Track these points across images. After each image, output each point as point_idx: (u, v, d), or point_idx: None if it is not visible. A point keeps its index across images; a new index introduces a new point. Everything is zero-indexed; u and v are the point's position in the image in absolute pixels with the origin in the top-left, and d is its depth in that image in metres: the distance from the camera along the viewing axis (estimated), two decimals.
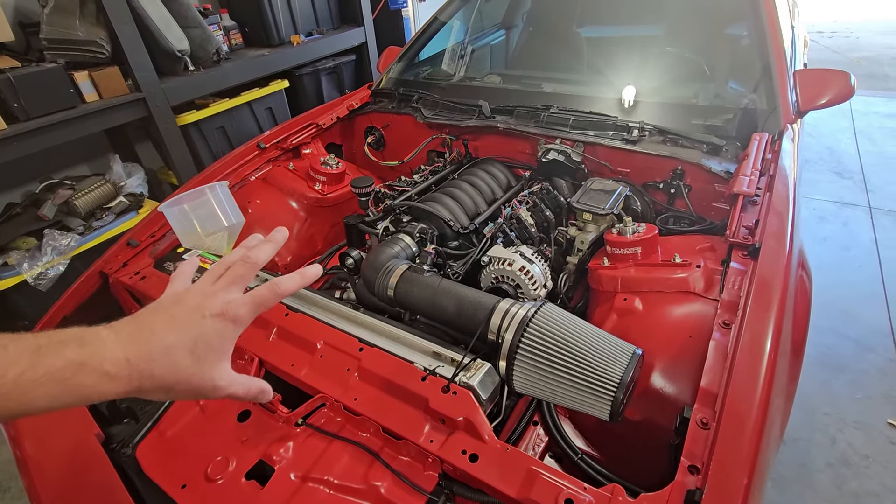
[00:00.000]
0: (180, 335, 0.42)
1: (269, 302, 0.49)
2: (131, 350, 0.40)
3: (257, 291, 0.48)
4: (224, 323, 0.45)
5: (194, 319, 0.44)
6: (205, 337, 0.43)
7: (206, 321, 0.44)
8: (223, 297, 0.46)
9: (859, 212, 2.80)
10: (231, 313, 0.45)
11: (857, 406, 1.71)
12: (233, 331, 0.46)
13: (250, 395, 0.50)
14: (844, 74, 1.57)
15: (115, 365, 0.39)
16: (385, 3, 3.77)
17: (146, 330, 0.42)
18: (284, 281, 0.50)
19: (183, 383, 0.42)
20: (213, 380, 0.44)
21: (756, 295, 0.89)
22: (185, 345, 0.42)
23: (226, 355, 0.45)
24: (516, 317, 0.90)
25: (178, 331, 0.43)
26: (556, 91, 1.82)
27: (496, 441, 0.80)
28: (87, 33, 2.04)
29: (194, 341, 0.43)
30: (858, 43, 6.37)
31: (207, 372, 0.44)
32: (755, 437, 0.71)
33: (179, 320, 0.43)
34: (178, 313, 0.44)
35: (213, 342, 0.44)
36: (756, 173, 1.22)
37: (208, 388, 0.45)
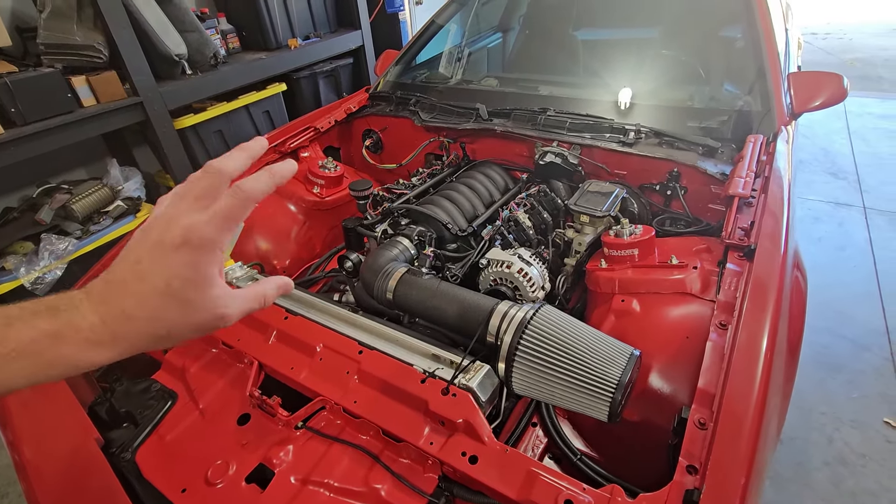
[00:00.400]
0: (148, 282, 0.37)
1: (235, 211, 0.40)
2: (104, 311, 0.37)
3: (221, 202, 0.40)
4: (190, 251, 0.38)
5: (157, 257, 0.38)
6: (175, 274, 0.38)
7: (169, 256, 0.38)
8: (183, 222, 0.38)
9: (854, 212, 2.82)
10: (195, 237, 0.38)
11: (854, 405, 1.72)
12: (205, 255, 0.39)
13: (270, 298, 0.45)
14: (837, 77, 1.58)
15: (93, 331, 0.36)
16: (382, 6, 3.79)
17: (116, 285, 0.38)
18: (249, 181, 0.41)
19: (177, 329, 0.39)
20: (211, 311, 0.40)
21: (752, 296, 0.89)
22: (158, 290, 0.37)
23: (210, 282, 0.39)
24: (515, 319, 0.90)
25: (145, 277, 0.37)
26: (553, 94, 1.83)
27: (496, 443, 0.81)
28: (84, 38, 2.04)
29: (166, 283, 0.37)
30: (852, 44, 6.42)
31: (200, 307, 0.39)
32: (752, 437, 0.72)
33: (144, 263, 0.38)
34: (142, 256, 0.38)
35: (187, 276, 0.38)
36: (751, 175, 1.23)
37: (212, 322, 0.40)
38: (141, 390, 1.09)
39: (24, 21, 2.17)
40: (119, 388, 1.10)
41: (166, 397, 1.05)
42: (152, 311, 0.37)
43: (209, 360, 1.11)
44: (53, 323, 0.35)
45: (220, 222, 0.39)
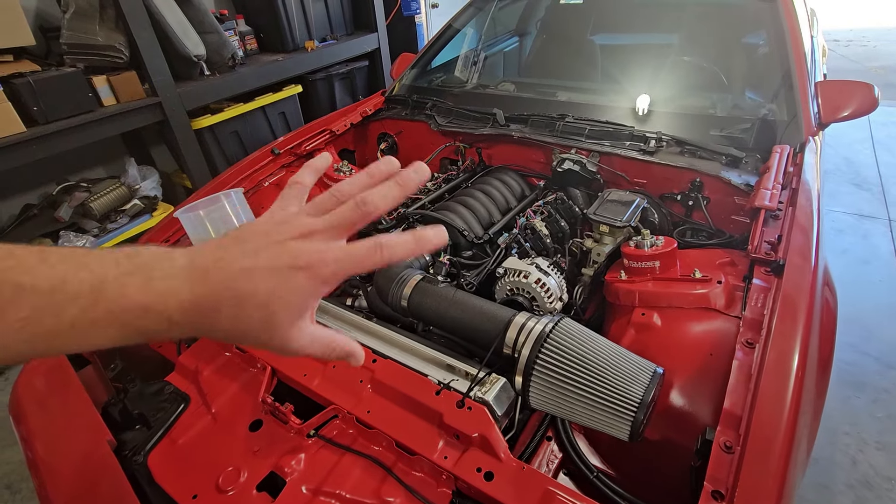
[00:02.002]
0: (257, 283, 0.35)
1: (367, 263, 0.37)
2: (199, 292, 0.34)
3: (359, 247, 0.37)
4: (308, 279, 0.35)
5: (278, 266, 0.35)
6: (282, 292, 0.35)
7: (288, 273, 0.35)
8: (318, 246, 0.36)
9: (879, 224, 2.75)
10: (321, 271, 0.36)
11: (879, 426, 1.67)
12: (316, 289, 0.36)
13: (333, 357, 0.42)
14: (868, 86, 1.54)
15: (181, 311, 0.34)
16: (398, 9, 3.79)
17: (223, 269, 0.35)
18: (393, 242, 0.38)
19: (250, 338, 0.36)
20: (282, 341, 0.37)
21: (781, 314, 0.86)
22: (260, 297, 0.35)
23: (304, 315, 0.37)
24: (533, 332, 0.88)
25: (255, 278, 0.35)
26: (571, 100, 1.80)
27: (512, 459, 0.79)
28: (106, 38, 2.07)
29: (269, 294, 0.35)
30: (876, 52, 6.29)
31: (278, 332, 0.36)
32: (782, 464, 0.69)
33: (261, 262, 0.35)
34: (261, 254, 0.35)
35: (290, 300, 0.36)
36: (778, 187, 1.19)
37: (276, 347, 0.38)
38: (154, 392, 1.08)
39: (48, 21, 2.21)
40: (132, 390, 1.10)
41: (179, 400, 1.04)
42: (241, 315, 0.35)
43: (222, 363, 1.10)
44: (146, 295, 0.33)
45: (349, 266, 0.37)
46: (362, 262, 0.37)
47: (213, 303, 0.34)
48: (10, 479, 1.77)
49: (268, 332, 0.36)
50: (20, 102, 1.88)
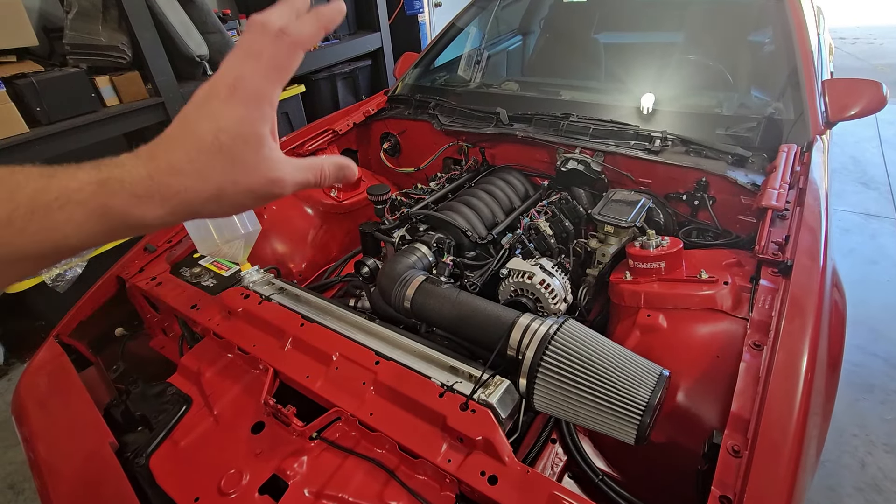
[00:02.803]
0: (195, 134, 0.35)
1: (283, 59, 0.37)
2: (151, 166, 0.34)
3: (268, 51, 0.37)
4: (238, 105, 0.35)
5: (204, 111, 0.35)
6: (222, 126, 0.35)
7: (216, 108, 0.35)
8: (230, 74, 0.36)
9: (886, 224, 2.72)
10: (242, 87, 0.36)
11: (888, 428, 1.65)
12: (254, 108, 0.36)
13: (328, 177, 0.42)
14: (876, 84, 1.52)
15: (140, 184, 0.33)
16: (401, 8, 3.78)
17: (164, 141, 0.35)
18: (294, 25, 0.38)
19: (229, 190, 0.36)
20: (264, 174, 0.37)
21: (790, 316, 0.85)
22: (205, 143, 0.35)
23: (260, 141, 0.36)
24: (537, 333, 0.87)
25: (193, 130, 0.35)
26: (575, 99, 1.79)
27: (516, 463, 0.78)
28: (109, 38, 2.07)
29: (213, 135, 0.35)
30: (882, 49, 6.23)
31: (251, 167, 0.36)
32: (791, 469, 0.68)
33: (191, 117, 0.36)
34: (189, 111, 0.36)
35: (236, 130, 0.35)
36: (785, 186, 1.18)
37: (265, 185, 0.37)
38: (156, 393, 1.08)
39: (51, 21, 2.21)
40: (135, 391, 1.09)
41: (181, 402, 1.04)
42: (200, 166, 0.35)
43: (224, 365, 1.10)
44: (96, 174, 0.33)
45: (267, 71, 0.36)
46: (276, 58, 0.37)
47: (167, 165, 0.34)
48: (14, 480, 1.77)
49: (240, 172, 0.36)
50: (23, 103, 1.88)
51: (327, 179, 0.42)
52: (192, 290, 1.24)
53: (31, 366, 1.18)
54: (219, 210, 0.37)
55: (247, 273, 1.23)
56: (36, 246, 0.31)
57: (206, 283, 1.27)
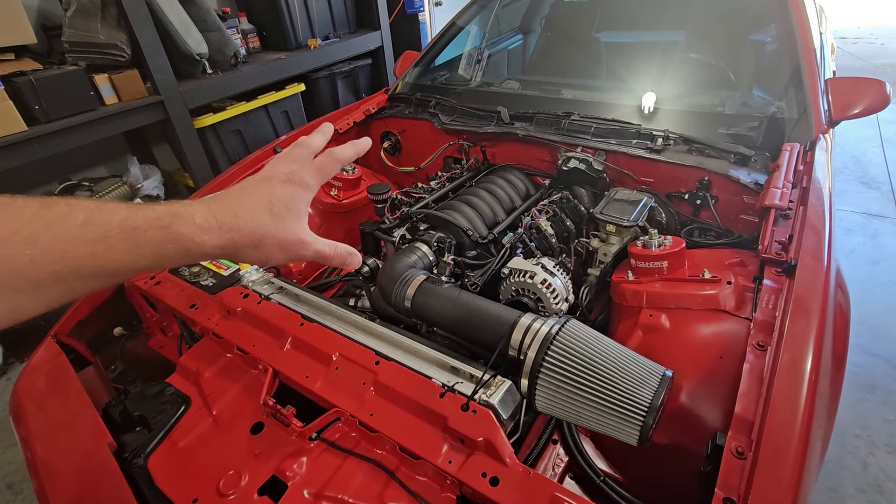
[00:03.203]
0: (255, 197, 0.48)
1: (327, 167, 0.53)
2: (215, 208, 0.45)
3: (317, 160, 0.54)
4: (292, 186, 0.50)
5: (265, 186, 0.49)
6: (277, 197, 0.48)
7: (275, 186, 0.49)
8: (286, 169, 0.51)
9: (888, 224, 2.71)
10: (296, 178, 0.50)
11: (890, 428, 1.64)
12: (302, 193, 0.50)
13: (338, 256, 0.54)
14: (880, 83, 1.51)
15: (205, 218, 0.43)
16: (402, 7, 3.77)
17: (226, 195, 0.48)
18: (339, 149, 0.56)
19: (269, 237, 0.47)
20: (296, 234, 0.49)
21: (794, 316, 0.84)
22: (262, 203, 0.47)
23: (302, 216, 0.50)
24: (539, 333, 0.86)
25: (252, 194, 0.48)
26: (577, 98, 1.78)
27: (518, 464, 0.77)
28: (107, 36, 2.06)
29: (269, 201, 0.48)
30: (883, 49, 6.22)
31: (290, 227, 0.49)
32: (796, 471, 0.67)
33: (251, 188, 0.49)
34: (249, 184, 0.49)
35: (286, 202, 0.49)
36: (788, 185, 1.17)
37: (294, 242, 0.49)
38: (154, 394, 1.07)
39: (50, 19, 2.20)
40: (133, 391, 1.09)
41: (180, 402, 1.03)
42: (254, 217, 0.46)
43: (223, 365, 1.09)
44: (171, 209, 0.42)
45: (315, 172, 0.52)
46: (322, 164, 0.53)
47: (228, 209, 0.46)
48: (12, 480, 1.77)
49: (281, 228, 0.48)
50: (22, 101, 1.88)
51: (338, 257, 0.54)
52: (190, 290, 1.23)
53: (29, 365, 1.17)
54: (255, 255, 0.48)
55: (246, 272, 1.23)
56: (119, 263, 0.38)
57: (206, 282, 1.26)
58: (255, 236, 0.46)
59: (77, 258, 0.36)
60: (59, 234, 0.35)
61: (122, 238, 0.38)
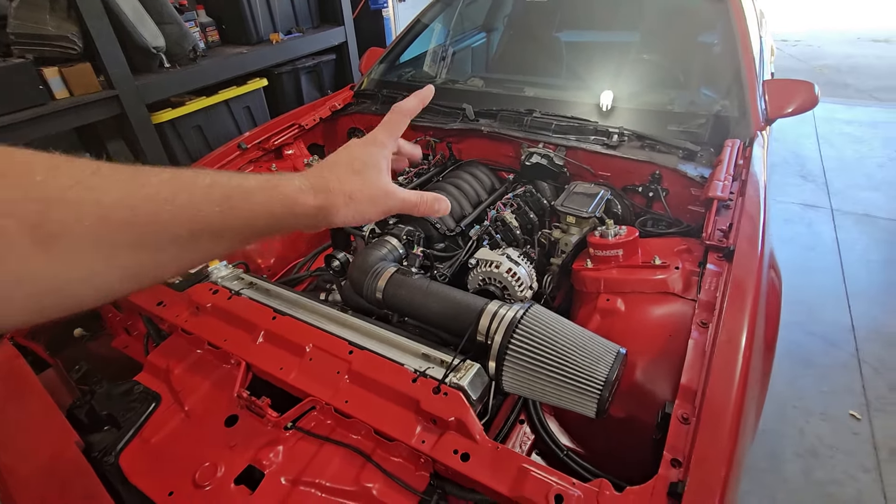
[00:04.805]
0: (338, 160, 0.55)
1: (396, 122, 0.60)
2: (308, 175, 0.51)
3: (385, 117, 0.60)
4: (367, 145, 0.57)
5: (345, 151, 0.56)
6: (356, 157, 0.55)
7: (353, 148, 0.56)
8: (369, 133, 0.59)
9: (822, 213, 2.94)
10: (370, 138, 0.58)
11: (823, 399, 1.80)
12: (378, 150, 0.56)
13: (425, 203, 0.61)
14: (809, 85, 1.65)
15: (301, 182, 0.49)
16: (365, 2, 3.76)
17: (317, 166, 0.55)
18: (403, 102, 0.61)
19: (357, 193, 0.53)
20: (381, 187, 0.55)
21: (731, 295, 0.93)
22: (344, 164, 0.54)
23: (382, 171, 0.56)
24: (505, 318, 0.92)
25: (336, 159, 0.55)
26: (538, 95, 1.85)
27: (487, 440, 0.82)
28: (57, 28, 1.97)
29: (350, 161, 0.54)
30: (821, 51, 6.68)
31: (373, 181, 0.54)
32: (733, 431, 0.75)
33: (335, 155, 0.56)
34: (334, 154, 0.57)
35: (364, 159, 0.55)
36: (729, 178, 1.27)
37: (381, 194, 0.55)
38: (122, 392, 1.06)
39: None
40: (99, 391, 1.07)
41: (149, 399, 1.03)
42: (340, 176, 0.53)
43: (194, 361, 1.09)
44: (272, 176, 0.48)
45: (386, 128, 0.60)
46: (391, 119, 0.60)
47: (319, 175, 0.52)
48: None
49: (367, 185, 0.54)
50: None
51: (425, 204, 0.61)
52: (157, 287, 1.21)
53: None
54: (349, 211, 0.53)
55: (215, 268, 1.22)
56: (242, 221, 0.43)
57: (173, 280, 1.25)
58: (345, 193, 0.52)
59: (208, 216, 0.40)
60: (192, 194, 0.39)
61: (241, 198, 0.43)
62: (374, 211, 0.55)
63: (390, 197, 0.56)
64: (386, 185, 0.56)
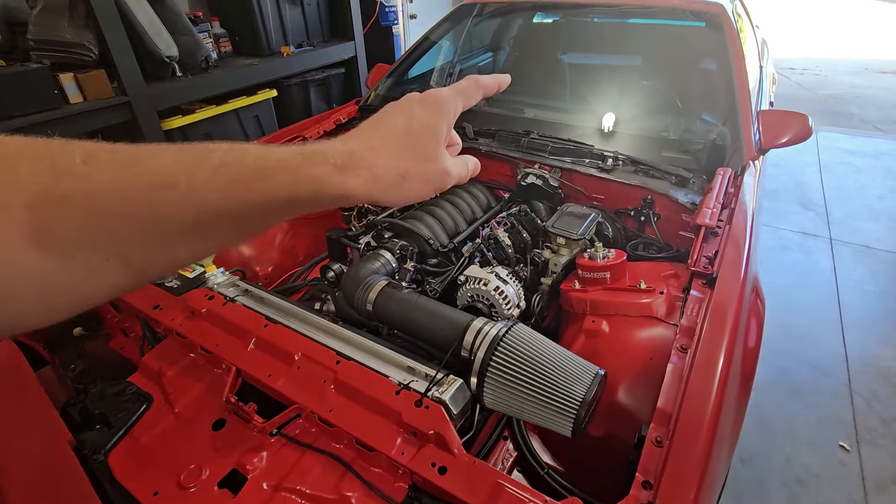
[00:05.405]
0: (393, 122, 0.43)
1: (470, 91, 0.49)
2: (351, 143, 0.41)
3: (460, 83, 0.49)
4: (429, 105, 0.45)
5: (401, 109, 0.45)
6: (416, 117, 0.44)
7: (412, 106, 0.45)
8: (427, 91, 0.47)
9: (821, 242, 2.96)
10: (434, 94, 0.46)
11: (812, 428, 1.80)
12: (442, 116, 0.45)
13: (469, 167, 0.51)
14: (803, 117, 1.68)
15: (339, 156, 0.39)
16: (376, 19, 3.85)
17: (360, 129, 0.44)
18: (483, 77, 0.52)
19: (412, 171, 0.43)
20: (440, 164, 0.45)
21: (711, 321, 0.95)
22: (400, 129, 0.43)
23: (440, 138, 0.45)
24: (488, 335, 0.94)
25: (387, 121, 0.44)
26: (537, 117, 1.89)
27: (465, 454, 0.84)
28: (74, 35, 2.04)
29: (407, 122, 0.43)
30: (827, 81, 6.73)
31: (432, 157, 0.44)
32: (704, 454, 0.77)
33: (387, 114, 0.45)
34: (385, 111, 0.45)
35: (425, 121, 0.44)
36: (718, 206, 1.30)
37: (438, 174, 0.45)
38: (115, 392, 1.09)
39: (15, 16, 2.16)
40: (93, 390, 1.10)
41: (141, 400, 1.05)
42: (393, 147, 0.42)
43: (186, 364, 1.12)
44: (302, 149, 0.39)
45: (456, 91, 0.48)
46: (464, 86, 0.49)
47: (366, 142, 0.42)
48: None
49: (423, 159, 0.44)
50: None
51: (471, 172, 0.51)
52: (155, 291, 1.25)
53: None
54: (398, 194, 0.43)
55: (212, 275, 1.26)
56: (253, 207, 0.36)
57: (170, 284, 1.28)
58: (397, 172, 0.42)
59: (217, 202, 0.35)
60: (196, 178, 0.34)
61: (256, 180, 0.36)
62: (426, 192, 0.46)
63: (446, 176, 0.46)
64: (444, 163, 0.45)
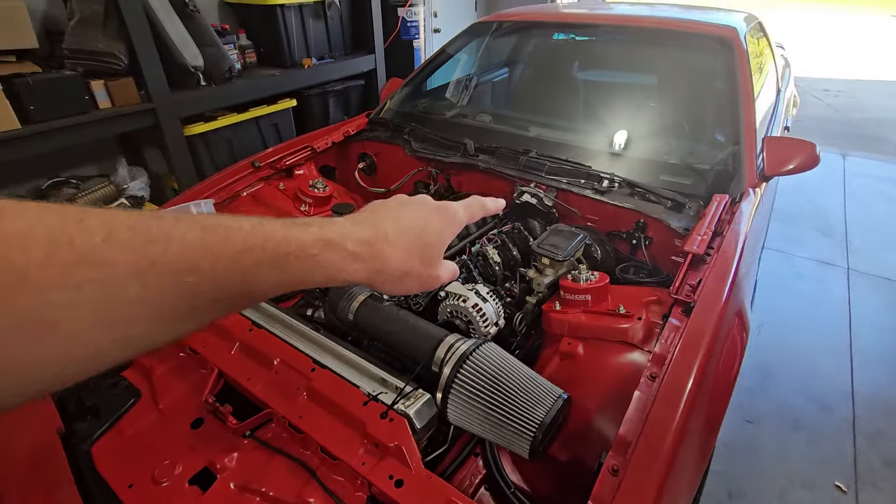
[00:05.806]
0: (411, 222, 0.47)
1: (474, 210, 0.56)
2: (370, 233, 0.44)
3: (467, 200, 0.57)
4: (442, 219, 0.50)
5: (422, 212, 0.49)
6: (432, 228, 0.48)
7: (431, 214, 0.49)
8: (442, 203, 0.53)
9: (837, 272, 2.85)
10: (449, 210, 0.52)
11: (809, 466, 1.74)
12: (452, 224, 0.51)
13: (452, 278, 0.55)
14: (811, 145, 1.65)
15: (360, 244, 0.42)
16: (397, 33, 3.94)
17: (383, 215, 0.47)
18: (486, 200, 0.59)
19: (414, 270, 0.47)
20: (436, 272, 0.50)
21: (682, 350, 0.95)
22: (416, 233, 0.47)
23: (443, 248, 0.50)
24: (457, 352, 0.96)
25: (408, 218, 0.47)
26: (539, 136, 1.91)
27: (422, 469, 0.86)
28: (106, 45, 2.18)
29: (423, 231, 0.47)
30: (861, 103, 6.51)
31: (434, 265, 0.49)
32: (658, 485, 0.77)
33: (406, 208, 0.49)
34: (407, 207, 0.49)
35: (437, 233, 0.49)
36: (709, 234, 1.29)
37: (431, 278, 0.49)
38: (109, 385, 1.15)
39: (55, 25, 2.32)
40: (90, 382, 1.16)
41: (130, 394, 1.11)
42: (407, 245, 0.46)
43: (176, 363, 1.17)
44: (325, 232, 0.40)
45: (464, 209, 0.55)
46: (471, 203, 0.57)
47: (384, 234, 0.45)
48: None
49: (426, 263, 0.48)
50: (18, 101, 1.97)
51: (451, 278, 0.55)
52: None
53: None
54: (393, 287, 0.47)
55: None
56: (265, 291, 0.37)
57: None
58: (402, 270, 0.46)
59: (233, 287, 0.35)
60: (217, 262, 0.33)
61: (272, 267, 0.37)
62: (416, 290, 0.49)
63: (437, 281, 0.51)
64: (440, 272, 0.50)
